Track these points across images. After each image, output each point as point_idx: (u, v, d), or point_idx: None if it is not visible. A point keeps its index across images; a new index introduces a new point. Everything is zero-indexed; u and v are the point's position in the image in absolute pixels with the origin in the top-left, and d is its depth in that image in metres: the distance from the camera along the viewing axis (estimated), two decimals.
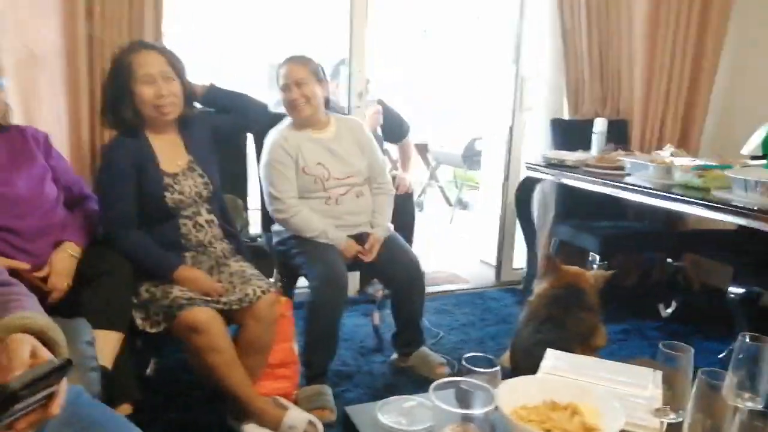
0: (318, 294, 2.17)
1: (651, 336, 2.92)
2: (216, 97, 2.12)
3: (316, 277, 2.20)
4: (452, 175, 7.84)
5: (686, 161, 2.69)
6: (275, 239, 2.45)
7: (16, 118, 2.17)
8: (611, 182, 2.68)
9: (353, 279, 3.23)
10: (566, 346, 1.84)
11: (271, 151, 2.34)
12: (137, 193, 1.86)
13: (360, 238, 2.39)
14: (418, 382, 2.36)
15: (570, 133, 3.29)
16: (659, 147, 3.25)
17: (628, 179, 2.69)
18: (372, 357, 2.61)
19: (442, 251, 4.46)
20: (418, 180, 6.66)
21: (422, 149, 6.65)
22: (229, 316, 1.91)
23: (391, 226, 2.52)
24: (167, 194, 1.88)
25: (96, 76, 2.27)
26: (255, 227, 2.72)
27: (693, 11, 3.28)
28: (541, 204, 3.44)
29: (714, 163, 2.59)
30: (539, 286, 2.14)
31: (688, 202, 2.32)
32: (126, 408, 1.81)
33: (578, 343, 1.93)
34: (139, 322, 1.83)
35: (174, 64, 1.91)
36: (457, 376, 1.12)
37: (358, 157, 2.44)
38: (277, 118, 2.44)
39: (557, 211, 3.32)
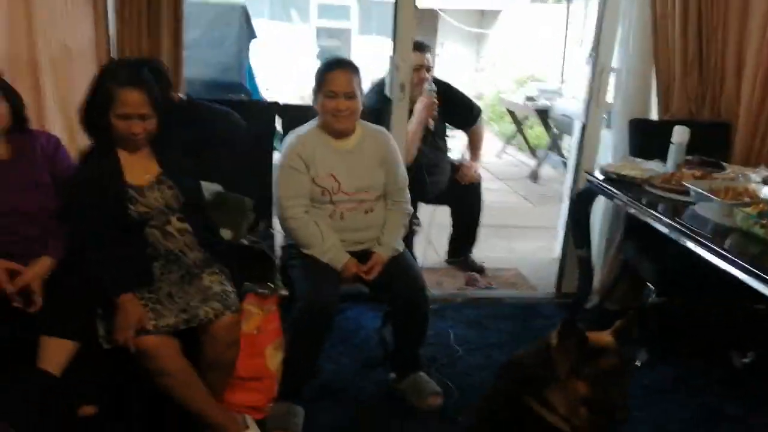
0: (301, 317, 2.10)
1: (712, 392, 2.43)
2: (191, 110, 2.08)
3: (303, 297, 2.12)
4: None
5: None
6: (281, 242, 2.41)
7: (53, 113, 2.34)
8: (662, 213, 2.25)
9: None
10: None
11: (286, 154, 2.27)
12: (102, 206, 1.88)
13: (365, 256, 2.27)
14: (407, 411, 2.25)
15: (654, 138, 2.77)
16: None
17: (695, 209, 2.24)
18: (373, 373, 2.48)
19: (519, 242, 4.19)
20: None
21: (543, 114, 6.26)
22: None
23: (402, 246, 2.35)
24: (131, 206, 1.91)
25: None
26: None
27: None
28: (612, 216, 3.04)
29: None
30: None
31: (732, 262, 1.84)
32: (89, 409, 1.95)
33: None
34: (101, 333, 1.86)
35: (154, 99, 1.90)
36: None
37: (375, 172, 2.31)
38: None
39: (626, 224, 2.90)
